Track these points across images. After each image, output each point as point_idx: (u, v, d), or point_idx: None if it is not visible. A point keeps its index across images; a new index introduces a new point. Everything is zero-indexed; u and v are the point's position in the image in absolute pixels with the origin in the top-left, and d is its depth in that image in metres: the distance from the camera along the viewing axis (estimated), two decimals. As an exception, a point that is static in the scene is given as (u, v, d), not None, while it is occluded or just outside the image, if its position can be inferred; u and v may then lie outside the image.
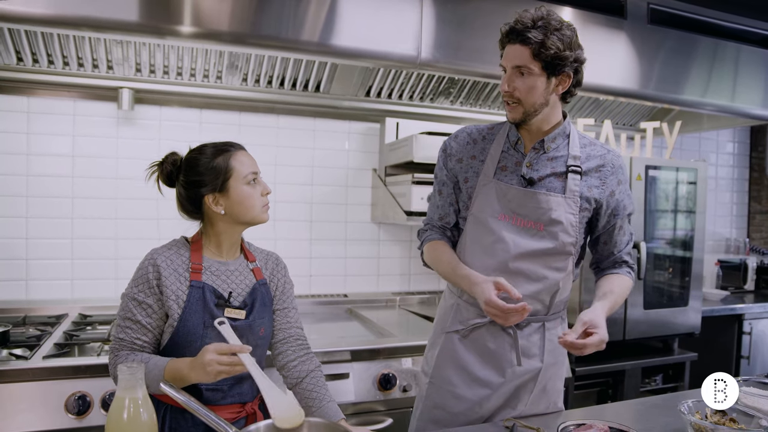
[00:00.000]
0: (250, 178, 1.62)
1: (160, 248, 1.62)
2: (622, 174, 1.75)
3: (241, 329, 1.58)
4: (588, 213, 1.72)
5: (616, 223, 1.76)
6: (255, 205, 1.63)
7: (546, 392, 1.79)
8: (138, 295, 1.54)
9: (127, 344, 1.53)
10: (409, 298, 3.46)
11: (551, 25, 1.55)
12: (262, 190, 1.66)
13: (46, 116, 2.81)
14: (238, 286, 1.65)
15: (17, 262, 2.79)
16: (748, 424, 1.49)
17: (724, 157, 4.89)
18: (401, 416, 2.34)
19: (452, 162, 1.81)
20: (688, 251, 3.21)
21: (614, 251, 1.81)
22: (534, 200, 1.67)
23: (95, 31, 2.15)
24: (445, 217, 1.86)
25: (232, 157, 1.62)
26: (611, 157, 1.74)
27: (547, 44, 1.54)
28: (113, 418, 1.20)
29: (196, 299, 1.55)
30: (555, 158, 1.71)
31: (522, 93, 1.61)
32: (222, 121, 3.12)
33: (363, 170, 3.44)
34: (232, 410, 1.59)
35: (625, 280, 1.79)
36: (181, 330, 1.53)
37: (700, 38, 3.27)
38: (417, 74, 3.16)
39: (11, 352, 2.08)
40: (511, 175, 1.72)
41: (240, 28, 2.28)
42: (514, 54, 1.59)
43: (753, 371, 3.65)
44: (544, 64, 1.57)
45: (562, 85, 1.63)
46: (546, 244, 1.68)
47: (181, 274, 1.57)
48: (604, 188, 1.71)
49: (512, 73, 1.61)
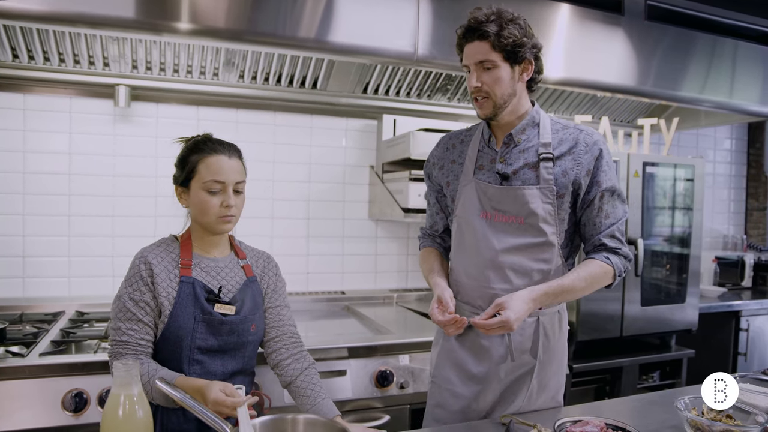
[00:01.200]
0: (210, 187, 1.59)
1: (149, 246, 1.63)
2: (598, 150, 1.69)
3: (232, 324, 1.59)
4: (569, 197, 1.69)
5: (594, 202, 1.70)
6: (209, 214, 1.61)
7: (545, 388, 1.79)
8: (134, 294, 1.55)
9: (131, 345, 1.53)
10: (407, 295, 3.46)
11: (504, 17, 1.61)
12: (224, 201, 1.60)
13: (42, 113, 2.80)
14: (228, 282, 1.66)
15: (14, 259, 2.78)
16: (744, 420, 1.49)
17: (721, 153, 4.89)
18: (398, 413, 2.34)
19: (435, 170, 1.89)
20: (685, 248, 3.21)
21: (593, 233, 1.73)
22: (510, 195, 1.69)
23: (91, 27, 2.14)
24: (434, 225, 1.96)
25: (204, 159, 1.61)
26: (583, 136, 1.71)
27: (503, 34, 1.59)
28: (109, 414, 1.20)
29: (186, 294, 1.56)
30: (526, 149, 1.72)
31: (490, 86, 1.64)
32: (219, 118, 3.11)
33: (360, 167, 3.43)
34: None
35: (594, 266, 1.69)
36: (172, 325, 1.54)
37: (698, 35, 3.26)
38: (414, 71, 3.15)
39: (8, 350, 2.08)
40: (488, 173, 1.74)
41: (237, 24, 2.28)
42: (474, 51, 1.64)
43: (750, 368, 3.65)
44: (505, 54, 1.61)
45: (525, 72, 1.67)
46: (528, 237, 1.69)
47: (171, 270, 1.58)
48: (580, 168, 1.68)
49: (477, 69, 1.65)
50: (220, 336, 1.59)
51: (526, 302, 1.59)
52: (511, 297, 1.59)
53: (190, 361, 1.56)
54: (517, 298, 1.59)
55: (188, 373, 1.55)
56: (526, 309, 1.59)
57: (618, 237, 1.74)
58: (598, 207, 1.71)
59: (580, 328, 2.85)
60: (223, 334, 1.60)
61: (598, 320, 2.91)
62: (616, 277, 1.74)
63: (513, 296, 1.59)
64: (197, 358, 1.56)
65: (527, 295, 1.61)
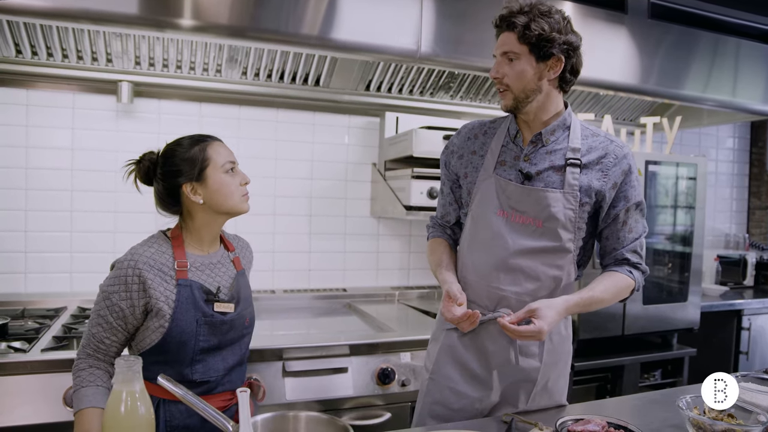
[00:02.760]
0: (228, 167, 1.62)
1: (141, 247, 1.58)
2: (627, 165, 1.67)
3: (231, 322, 1.61)
4: (589, 207, 1.66)
5: (619, 216, 1.69)
6: (233, 194, 1.62)
7: (548, 390, 1.77)
8: (112, 296, 1.52)
9: (95, 341, 1.53)
10: (408, 292, 3.46)
11: (538, 10, 1.56)
12: (241, 179, 1.65)
13: (45, 109, 2.81)
14: (223, 279, 1.66)
15: (16, 255, 2.79)
16: (746, 419, 1.49)
17: (724, 152, 4.88)
18: (400, 411, 2.34)
19: (453, 159, 1.82)
20: (687, 246, 3.20)
21: (616, 247, 1.72)
22: (532, 196, 1.65)
23: (94, 24, 2.14)
24: (446, 215, 1.89)
25: (209, 146, 1.62)
26: (613, 148, 1.68)
27: (531, 26, 1.54)
28: (110, 411, 1.20)
29: (186, 298, 1.55)
30: (554, 151, 1.67)
31: (510, 79, 1.61)
32: (221, 115, 3.11)
33: (362, 164, 3.43)
34: (224, 398, 1.62)
35: (619, 279, 1.70)
36: (174, 330, 1.53)
37: (701, 33, 3.25)
38: (417, 68, 3.15)
39: (10, 345, 2.09)
40: (510, 170, 1.69)
41: (239, 21, 2.27)
42: (502, 41, 1.61)
43: (752, 367, 3.65)
44: (531, 46, 1.57)
45: (553, 70, 1.60)
46: (545, 241, 1.65)
47: (166, 273, 1.55)
48: (606, 180, 1.65)
49: (500, 59, 1.62)
50: (221, 334, 1.60)
51: (560, 313, 1.57)
52: (547, 305, 1.55)
53: (193, 361, 1.56)
54: (553, 308, 1.55)
55: (191, 374, 1.55)
56: (558, 321, 1.57)
57: (639, 252, 1.74)
58: (623, 221, 1.70)
59: (582, 326, 2.85)
60: (223, 332, 1.61)
61: (600, 319, 2.91)
62: (634, 291, 1.74)
63: (549, 305, 1.55)
64: (200, 358, 1.57)
65: (562, 305, 1.58)
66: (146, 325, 1.55)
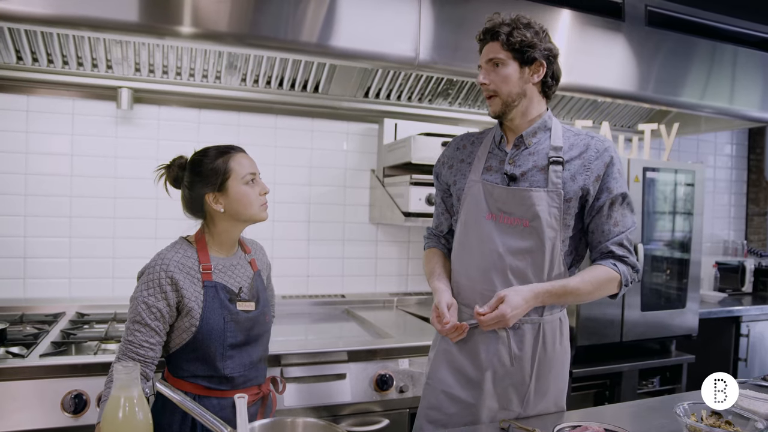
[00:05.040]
0: (248, 179, 1.72)
1: (168, 252, 1.68)
2: (609, 157, 1.70)
3: (254, 319, 1.73)
4: (575, 203, 1.69)
5: (603, 208, 1.70)
6: (252, 203, 1.72)
7: (546, 394, 1.77)
8: (148, 299, 1.61)
9: (135, 346, 1.59)
10: (407, 299, 3.46)
11: (519, 22, 1.66)
12: (260, 189, 1.75)
13: (45, 115, 2.81)
14: (243, 279, 1.78)
15: (15, 260, 2.79)
16: (743, 426, 1.49)
17: (722, 159, 4.89)
18: (398, 417, 2.34)
19: (444, 169, 1.90)
20: (685, 253, 3.21)
21: (602, 240, 1.72)
22: (517, 197, 1.69)
23: (95, 30, 2.15)
24: (440, 225, 1.96)
25: (232, 158, 1.72)
26: (594, 142, 1.72)
27: (514, 34, 1.64)
28: (108, 417, 1.20)
29: (212, 298, 1.66)
30: (536, 152, 1.73)
31: (497, 84, 1.68)
32: (221, 121, 3.12)
33: (361, 171, 3.44)
34: (252, 392, 1.74)
35: (600, 272, 1.69)
36: (204, 328, 1.63)
37: (698, 40, 3.27)
38: (415, 75, 3.16)
39: (8, 350, 2.08)
40: (496, 174, 1.75)
41: (239, 28, 2.28)
42: (487, 50, 1.70)
43: (750, 374, 3.64)
44: (514, 53, 1.65)
45: (536, 74, 1.68)
46: (532, 240, 1.68)
47: (194, 276, 1.66)
48: (589, 174, 1.69)
49: (487, 66, 1.70)
50: (245, 331, 1.71)
51: (526, 299, 1.60)
52: (514, 291, 1.60)
53: (224, 357, 1.67)
54: (519, 294, 1.60)
55: (223, 368, 1.66)
56: (524, 306, 1.60)
57: (626, 245, 1.73)
58: (608, 214, 1.71)
59: (580, 333, 2.85)
60: (247, 328, 1.72)
61: (598, 325, 2.91)
62: (622, 285, 1.72)
63: (516, 291, 1.61)
64: (229, 353, 1.68)
65: (528, 291, 1.62)
66: (177, 324, 1.66)
